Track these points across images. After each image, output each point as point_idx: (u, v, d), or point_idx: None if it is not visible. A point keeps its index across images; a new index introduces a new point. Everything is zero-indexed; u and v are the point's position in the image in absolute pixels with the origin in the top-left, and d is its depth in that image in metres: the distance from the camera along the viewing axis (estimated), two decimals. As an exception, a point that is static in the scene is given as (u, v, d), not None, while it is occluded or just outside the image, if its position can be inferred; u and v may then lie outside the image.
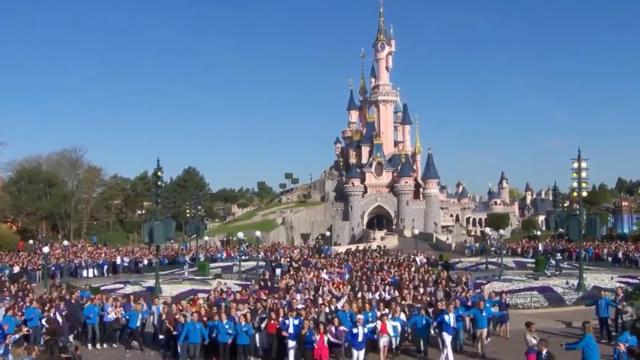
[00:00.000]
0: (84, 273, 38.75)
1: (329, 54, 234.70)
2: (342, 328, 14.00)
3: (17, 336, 12.56)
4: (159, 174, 25.91)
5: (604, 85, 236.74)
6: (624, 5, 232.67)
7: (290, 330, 14.34)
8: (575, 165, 25.22)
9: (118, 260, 42.51)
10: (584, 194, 25.79)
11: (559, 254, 35.95)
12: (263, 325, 15.57)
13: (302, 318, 14.52)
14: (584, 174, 25.25)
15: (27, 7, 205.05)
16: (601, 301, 17.61)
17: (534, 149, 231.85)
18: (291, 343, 14.39)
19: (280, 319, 15.10)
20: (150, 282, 27.33)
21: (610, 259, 43.49)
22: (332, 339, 13.70)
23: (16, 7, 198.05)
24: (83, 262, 40.45)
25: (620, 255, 43.48)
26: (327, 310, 16.77)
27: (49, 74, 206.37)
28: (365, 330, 14.12)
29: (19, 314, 16.55)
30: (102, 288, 25.77)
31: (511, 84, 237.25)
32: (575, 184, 25.26)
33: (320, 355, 13.29)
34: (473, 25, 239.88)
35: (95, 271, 39.85)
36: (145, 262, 42.05)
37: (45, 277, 31.66)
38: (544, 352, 11.36)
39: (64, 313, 17.26)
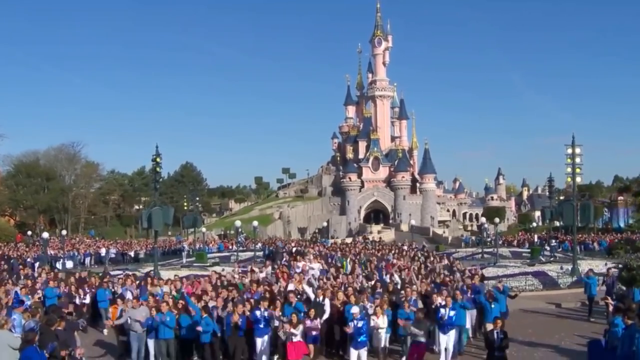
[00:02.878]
0: (59, 265, 34.89)
1: (326, 49, 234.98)
2: (316, 321, 12.85)
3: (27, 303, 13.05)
4: (158, 160, 26.04)
5: (602, 82, 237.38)
6: (622, 2, 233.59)
7: (261, 324, 12.58)
8: (570, 151, 25.48)
9: (102, 252, 41.36)
10: (578, 179, 26.03)
11: (553, 241, 36.31)
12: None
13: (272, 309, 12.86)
14: (578, 160, 25.50)
15: (27, 4, 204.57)
16: (590, 280, 18.20)
17: (531, 146, 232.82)
18: (259, 340, 12.61)
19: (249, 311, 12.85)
20: (149, 269, 27.54)
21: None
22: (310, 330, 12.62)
23: (16, 4, 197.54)
24: (60, 253, 38.46)
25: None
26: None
27: (47, 69, 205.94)
28: (360, 324, 12.01)
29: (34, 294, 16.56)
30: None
31: (508, 80, 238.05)
32: (569, 170, 25.49)
33: (295, 350, 12.05)
34: (470, 22, 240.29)
35: (72, 263, 36.89)
36: (132, 254, 41.59)
37: (46, 263, 31.75)
38: (497, 329, 10.87)
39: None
